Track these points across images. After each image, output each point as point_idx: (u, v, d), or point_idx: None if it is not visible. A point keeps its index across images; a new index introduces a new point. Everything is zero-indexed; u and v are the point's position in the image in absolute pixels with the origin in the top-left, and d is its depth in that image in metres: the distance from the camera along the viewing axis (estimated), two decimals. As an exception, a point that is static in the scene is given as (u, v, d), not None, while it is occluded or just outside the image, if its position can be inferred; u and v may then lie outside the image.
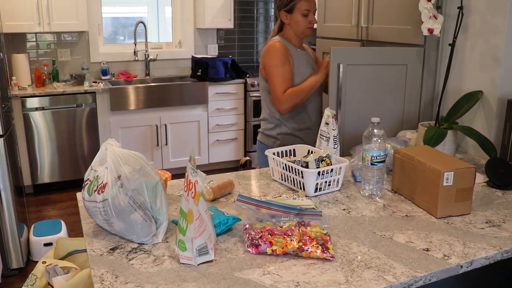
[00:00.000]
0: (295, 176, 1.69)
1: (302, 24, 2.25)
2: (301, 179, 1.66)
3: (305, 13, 2.22)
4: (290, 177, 1.73)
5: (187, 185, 1.18)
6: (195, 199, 1.16)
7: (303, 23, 2.25)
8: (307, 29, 2.28)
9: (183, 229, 1.19)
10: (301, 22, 2.25)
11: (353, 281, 1.14)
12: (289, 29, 2.31)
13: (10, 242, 2.79)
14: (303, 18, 2.24)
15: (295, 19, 2.25)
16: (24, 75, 4.20)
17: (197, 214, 1.16)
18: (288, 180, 1.75)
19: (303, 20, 2.24)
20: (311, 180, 1.63)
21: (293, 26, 2.28)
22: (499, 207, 1.59)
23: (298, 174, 1.67)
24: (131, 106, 4.28)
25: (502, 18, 2.02)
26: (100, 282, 1.13)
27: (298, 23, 2.25)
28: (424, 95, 2.41)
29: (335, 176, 1.69)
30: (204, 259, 1.20)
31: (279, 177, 1.81)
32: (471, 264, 1.25)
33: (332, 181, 1.69)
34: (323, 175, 1.65)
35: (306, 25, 2.26)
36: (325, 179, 1.66)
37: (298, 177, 1.67)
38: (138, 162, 1.33)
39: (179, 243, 1.20)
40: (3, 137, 2.70)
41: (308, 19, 2.25)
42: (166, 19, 5.24)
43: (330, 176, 1.67)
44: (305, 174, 1.63)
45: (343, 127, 2.32)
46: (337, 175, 1.69)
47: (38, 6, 4.07)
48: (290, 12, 2.25)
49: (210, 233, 1.21)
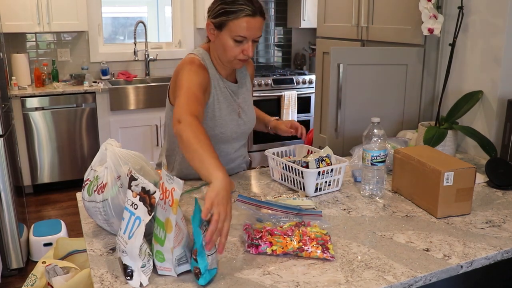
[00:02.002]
0: (295, 176, 1.68)
1: (230, 51, 1.56)
2: (301, 179, 1.66)
3: (239, 39, 1.53)
4: (290, 177, 1.73)
5: (163, 193, 1.12)
6: (173, 207, 1.09)
7: (232, 50, 1.56)
8: (236, 61, 1.59)
9: (161, 239, 1.13)
10: (230, 49, 1.55)
11: (353, 281, 1.14)
12: (214, 50, 1.64)
13: (10, 242, 2.79)
14: (233, 44, 1.54)
15: (223, 41, 1.56)
16: (24, 75, 4.19)
17: (175, 223, 1.10)
18: (288, 180, 1.75)
19: (233, 47, 1.55)
20: (311, 180, 1.63)
21: (218, 48, 1.60)
22: (499, 207, 1.59)
23: (298, 174, 1.66)
24: (131, 106, 4.28)
25: (502, 18, 2.02)
26: (100, 282, 1.13)
27: (226, 48, 1.56)
28: (424, 95, 2.41)
29: (335, 176, 1.69)
30: (183, 268, 1.16)
31: (279, 177, 1.80)
32: (471, 264, 1.25)
33: (332, 181, 1.69)
34: (323, 175, 1.64)
35: (236, 55, 1.56)
36: (325, 179, 1.66)
37: (298, 177, 1.67)
38: (138, 162, 1.33)
39: (156, 253, 1.15)
40: (3, 137, 2.70)
41: (241, 47, 1.55)
42: (166, 19, 5.23)
43: (330, 176, 1.67)
44: (305, 174, 1.63)
45: (343, 127, 2.32)
46: (337, 175, 1.69)
47: (38, 6, 4.07)
48: (218, 29, 1.56)
49: (187, 242, 1.16)
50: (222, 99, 1.68)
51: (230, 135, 1.73)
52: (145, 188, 1.15)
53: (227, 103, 1.70)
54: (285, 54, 5.45)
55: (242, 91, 1.76)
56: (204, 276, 1.10)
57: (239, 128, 1.75)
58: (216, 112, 1.67)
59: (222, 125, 1.69)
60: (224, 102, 1.69)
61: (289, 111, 4.71)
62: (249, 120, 1.80)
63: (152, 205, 1.13)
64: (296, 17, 5.07)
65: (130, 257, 1.12)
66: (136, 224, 1.13)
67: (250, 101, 1.80)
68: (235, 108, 1.72)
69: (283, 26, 5.35)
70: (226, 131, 1.71)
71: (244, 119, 1.76)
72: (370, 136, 1.61)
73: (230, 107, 1.71)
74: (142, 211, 1.13)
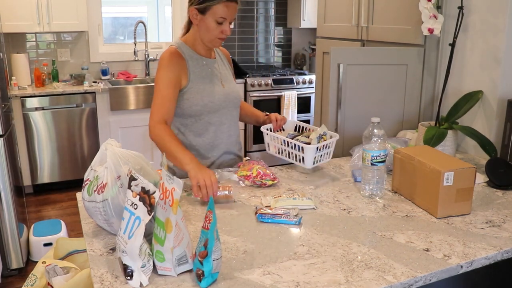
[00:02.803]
0: (294, 151, 1.87)
1: (213, 32, 1.82)
2: (301, 153, 1.84)
3: (220, 20, 1.80)
4: (287, 152, 1.90)
5: (163, 193, 1.13)
6: (173, 207, 1.11)
7: (214, 31, 1.82)
8: (216, 40, 1.86)
9: (161, 239, 1.14)
10: (212, 30, 1.82)
11: (353, 281, 1.14)
12: (196, 32, 1.88)
13: (10, 242, 2.79)
14: (215, 25, 1.81)
15: (206, 23, 1.82)
16: (24, 75, 4.19)
17: (175, 223, 1.11)
18: (284, 154, 1.92)
19: (215, 28, 1.81)
20: (311, 154, 1.83)
21: (201, 30, 1.85)
22: (499, 207, 1.59)
23: (299, 150, 1.85)
24: (131, 106, 4.28)
25: (502, 18, 2.02)
26: (100, 282, 1.13)
27: (209, 29, 1.82)
28: (424, 95, 2.41)
29: (328, 149, 1.91)
30: (183, 268, 1.16)
31: (275, 151, 1.96)
32: (471, 264, 1.25)
33: (324, 154, 1.90)
34: (321, 150, 1.87)
35: (217, 35, 1.83)
36: (321, 152, 1.87)
37: (298, 152, 1.85)
38: (138, 162, 1.33)
39: (156, 253, 1.15)
40: (3, 137, 2.70)
41: (221, 27, 1.82)
42: (166, 19, 5.23)
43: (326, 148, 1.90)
44: (305, 149, 1.82)
45: (343, 127, 2.32)
46: (330, 148, 1.92)
47: (38, 6, 4.07)
48: (202, 13, 1.81)
49: (188, 242, 1.17)
50: (204, 74, 1.91)
51: (218, 103, 1.91)
52: (145, 188, 1.15)
53: (209, 77, 1.92)
54: (285, 54, 5.46)
55: (220, 65, 2.00)
56: (207, 279, 1.11)
57: (226, 97, 1.94)
58: (200, 86, 1.88)
59: (209, 95, 1.89)
60: (206, 76, 1.91)
61: (289, 111, 4.71)
62: (234, 91, 2.00)
63: (152, 205, 1.13)
64: (296, 17, 5.07)
65: (130, 257, 1.12)
66: (136, 224, 1.13)
67: (230, 78, 2.03)
68: (216, 80, 1.94)
69: (283, 26, 5.35)
70: (214, 99, 1.90)
71: (227, 90, 1.96)
72: (370, 136, 1.61)
73: (212, 80, 1.93)
74: (142, 211, 1.13)
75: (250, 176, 1.77)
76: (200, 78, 1.88)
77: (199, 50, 1.92)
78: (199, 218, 1.49)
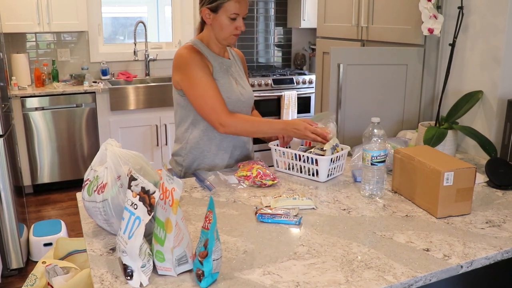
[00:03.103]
0: (307, 164, 1.82)
1: (226, 29, 1.83)
2: (315, 166, 1.80)
3: (233, 16, 1.80)
4: (298, 166, 1.85)
5: (163, 193, 1.13)
6: (173, 207, 1.10)
7: (228, 28, 1.82)
8: (232, 37, 1.86)
9: (161, 239, 1.14)
10: (226, 27, 1.82)
11: (353, 281, 1.14)
12: (210, 31, 1.88)
13: (10, 242, 2.79)
14: (229, 22, 1.81)
15: (220, 21, 1.82)
16: (24, 75, 4.19)
17: (175, 223, 1.11)
18: (295, 169, 1.87)
19: (228, 25, 1.82)
20: (325, 166, 1.79)
21: (215, 29, 1.85)
22: (499, 207, 1.59)
23: (312, 163, 1.80)
24: (131, 106, 4.28)
25: (502, 18, 2.02)
26: (100, 282, 1.13)
27: (222, 27, 1.83)
28: (424, 95, 2.41)
29: (340, 162, 1.86)
30: (183, 268, 1.16)
31: (285, 167, 1.91)
32: (471, 264, 1.25)
33: (337, 166, 1.85)
34: (335, 162, 1.82)
35: (231, 31, 1.84)
36: (334, 164, 1.82)
37: (311, 165, 1.81)
38: (138, 162, 1.33)
39: (156, 253, 1.15)
40: (3, 137, 2.70)
41: (235, 24, 1.82)
42: (166, 19, 5.23)
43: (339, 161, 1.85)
44: (319, 161, 1.78)
45: (343, 127, 2.32)
46: (341, 160, 1.87)
47: (38, 6, 4.07)
48: (214, 12, 1.81)
49: (188, 242, 1.17)
50: (221, 72, 1.91)
51: (235, 101, 1.92)
52: (145, 188, 1.15)
53: (226, 75, 1.93)
54: (285, 54, 5.45)
55: (235, 66, 2.00)
56: (207, 279, 1.11)
57: (241, 95, 1.96)
58: (220, 80, 1.89)
59: (228, 90, 1.90)
60: (223, 74, 1.92)
61: (289, 111, 4.71)
62: (248, 91, 2.01)
63: (151, 205, 1.13)
64: (296, 17, 5.07)
65: (130, 257, 1.12)
66: (136, 224, 1.13)
67: (244, 78, 2.04)
68: (232, 78, 1.95)
69: (283, 26, 5.35)
70: (232, 95, 1.91)
71: (242, 90, 1.97)
72: (370, 136, 1.61)
73: (229, 78, 1.93)
74: (142, 211, 1.13)
75: (250, 176, 1.76)
76: (219, 73, 1.90)
77: (214, 49, 1.92)
78: (199, 218, 1.49)
